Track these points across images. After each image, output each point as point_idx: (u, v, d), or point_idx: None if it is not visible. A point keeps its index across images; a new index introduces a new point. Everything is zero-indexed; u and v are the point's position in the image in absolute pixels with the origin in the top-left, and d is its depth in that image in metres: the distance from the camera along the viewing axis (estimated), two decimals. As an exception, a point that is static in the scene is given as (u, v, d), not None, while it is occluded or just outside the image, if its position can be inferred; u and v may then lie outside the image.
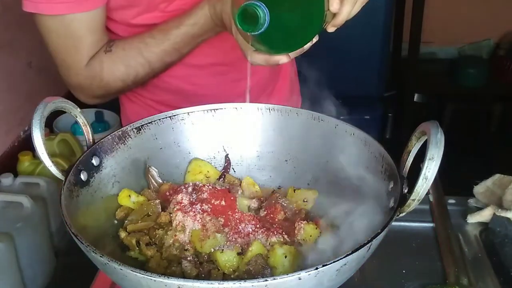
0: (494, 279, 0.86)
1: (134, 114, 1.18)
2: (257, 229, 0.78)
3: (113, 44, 0.99)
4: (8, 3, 2.08)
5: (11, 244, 1.53)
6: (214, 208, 0.79)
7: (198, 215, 0.78)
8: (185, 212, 0.78)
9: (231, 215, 0.79)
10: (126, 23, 1.01)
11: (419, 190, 0.64)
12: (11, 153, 2.07)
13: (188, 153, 0.92)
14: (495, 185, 1.02)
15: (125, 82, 1.00)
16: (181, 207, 0.79)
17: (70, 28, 0.95)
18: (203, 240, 0.75)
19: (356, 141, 0.83)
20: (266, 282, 0.56)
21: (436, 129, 0.64)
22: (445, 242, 0.92)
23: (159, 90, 1.12)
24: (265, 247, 0.75)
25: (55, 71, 1.04)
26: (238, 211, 0.80)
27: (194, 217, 0.77)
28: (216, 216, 0.78)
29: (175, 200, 0.81)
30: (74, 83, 1.02)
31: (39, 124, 0.73)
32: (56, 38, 0.97)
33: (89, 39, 0.97)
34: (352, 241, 0.72)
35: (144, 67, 0.99)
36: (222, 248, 0.74)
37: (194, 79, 1.10)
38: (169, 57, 0.98)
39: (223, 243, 0.75)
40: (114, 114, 2.41)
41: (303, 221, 0.80)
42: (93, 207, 0.78)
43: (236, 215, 0.79)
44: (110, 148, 0.83)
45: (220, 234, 0.76)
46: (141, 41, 0.97)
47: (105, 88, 1.01)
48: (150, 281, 0.58)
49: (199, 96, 1.07)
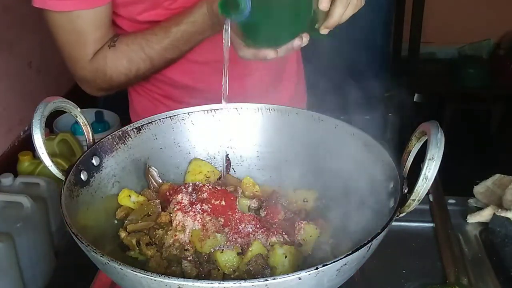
0: (494, 279, 0.86)
1: (142, 108, 1.21)
2: (257, 229, 0.78)
3: (117, 39, 1.01)
4: (8, 3, 2.08)
5: (11, 244, 1.53)
6: (214, 208, 0.79)
7: (198, 215, 0.78)
8: (185, 212, 0.78)
9: (231, 215, 0.79)
10: (132, 19, 1.03)
11: (419, 190, 0.64)
12: (11, 153, 2.07)
13: (188, 153, 0.92)
14: (495, 185, 1.02)
15: (128, 76, 1.03)
16: (181, 207, 0.79)
17: (76, 24, 0.97)
18: (203, 240, 0.75)
19: (356, 141, 0.83)
20: (266, 282, 0.56)
21: (436, 129, 0.64)
22: (445, 242, 0.92)
23: (166, 85, 1.14)
24: (265, 247, 0.75)
25: (55, 71, 1.05)
26: (238, 211, 0.80)
27: (194, 217, 0.77)
28: (216, 216, 0.78)
29: (175, 200, 0.81)
30: (80, 76, 1.05)
31: (39, 124, 0.73)
32: (63, 33, 1.00)
33: (94, 35, 1.00)
34: (352, 241, 0.72)
35: (145, 63, 1.01)
36: (222, 248, 0.74)
37: (198, 75, 1.11)
38: (169, 53, 1.01)
39: (223, 243, 0.75)
40: (114, 114, 2.41)
41: (303, 221, 0.80)
42: (93, 207, 0.78)
43: (236, 215, 0.79)
44: (110, 148, 0.83)
45: (220, 234, 0.76)
46: (143, 38, 1.00)
47: (109, 82, 1.03)
48: (150, 281, 0.58)
49: (203, 92, 1.07)
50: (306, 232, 0.78)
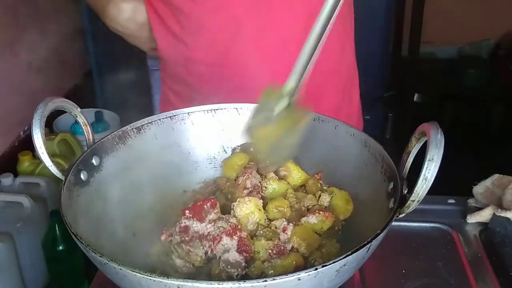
0: (494, 279, 0.86)
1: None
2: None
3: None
4: (8, 3, 2.08)
5: (11, 244, 1.53)
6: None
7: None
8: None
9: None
10: None
11: (419, 191, 0.64)
12: (11, 153, 2.07)
13: (188, 153, 0.92)
14: (495, 185, 1.02)
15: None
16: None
17: None
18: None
19: (355, 141, 0.83)
20: (265, 283, 0.56)
21: (436, 130, 0.64)
22: (445, 242, 0.93)
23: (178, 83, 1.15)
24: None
25: (55, 71, 1.05)
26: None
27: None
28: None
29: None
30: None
31: (39, 124, 0.73)
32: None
33: None
34: (352, 241, 0.72)
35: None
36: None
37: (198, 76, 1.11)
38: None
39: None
40: (114, 114, 2.42)
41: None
42: (93, 207, 0.78)
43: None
44: (110, 148, 0.83)
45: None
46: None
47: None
48: (150, 281, 0.58)
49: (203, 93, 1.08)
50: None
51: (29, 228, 1.62)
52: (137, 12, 1.08)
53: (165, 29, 1.07)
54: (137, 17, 1.08)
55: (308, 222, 0.77)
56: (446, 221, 0.98)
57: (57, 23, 2.35)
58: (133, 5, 1.07)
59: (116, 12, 1.07)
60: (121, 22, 1.08)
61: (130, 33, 1.11)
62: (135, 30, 1.10)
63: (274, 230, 0.76)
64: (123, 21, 1.08)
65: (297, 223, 0.77)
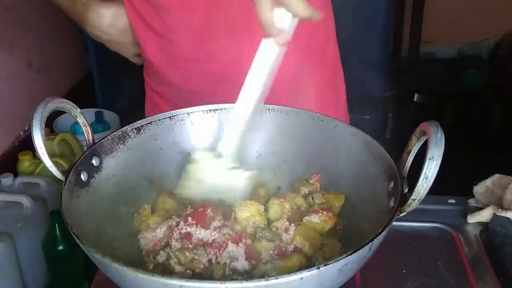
0: (494, 279, 0.85)
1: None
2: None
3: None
4: (8, 3, 2.08)
5: (11, 244, 1.53)
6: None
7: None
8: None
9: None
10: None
11: (419, 190, 0.64)
12: (11, 153, 2.07)
13: (188, 153, 0.92)
14: (495, 185, 1.02)
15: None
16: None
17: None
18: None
19: (356, 141, 0.82)
20: (268, 282, 0.56)
21: (436, 128, 0.64)
22: (446, 242, 0.93)
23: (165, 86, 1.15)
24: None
25: (55, 71, 1.05)
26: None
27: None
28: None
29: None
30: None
31: (39, 124, 0.73)
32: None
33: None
34: (353, 240, 0.72)
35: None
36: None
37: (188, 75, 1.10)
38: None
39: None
40: (114, 114, 2.42)
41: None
42: (93, 207, 0.78)
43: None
44: (110, 148, 0.83)
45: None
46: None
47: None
48: (151, 282, 0.57)
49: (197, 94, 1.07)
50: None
51: (29, 228, 1.61)
52: (118, 17, 1.07)
53: (148, 29, 1.06)
54: (118, 22, 1.07)
55: (310, 221, 0.77)
56: (446, 221, 0.98)
57: (57, 23, 2.36)
58: (114, 10, 1.07)
59: (96, 18, 1.07)
60: (102, 28, 1.08)
61: (113, 39, 1.10)
62: (117, 36, 1.09)
63: (275, 231, 0.76)
64: (104, 27, 1.07)
65: (299, 223, 0.77)
